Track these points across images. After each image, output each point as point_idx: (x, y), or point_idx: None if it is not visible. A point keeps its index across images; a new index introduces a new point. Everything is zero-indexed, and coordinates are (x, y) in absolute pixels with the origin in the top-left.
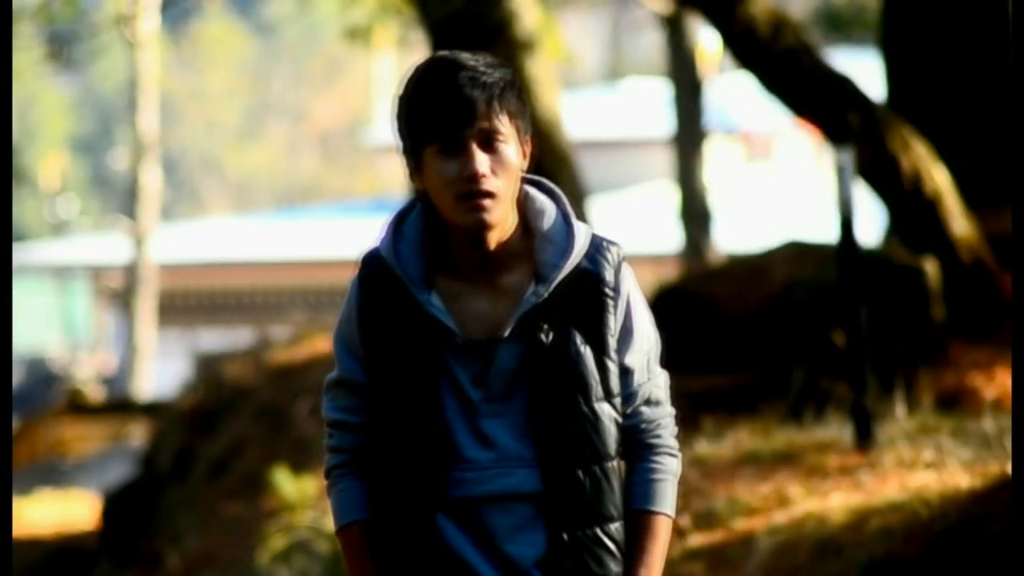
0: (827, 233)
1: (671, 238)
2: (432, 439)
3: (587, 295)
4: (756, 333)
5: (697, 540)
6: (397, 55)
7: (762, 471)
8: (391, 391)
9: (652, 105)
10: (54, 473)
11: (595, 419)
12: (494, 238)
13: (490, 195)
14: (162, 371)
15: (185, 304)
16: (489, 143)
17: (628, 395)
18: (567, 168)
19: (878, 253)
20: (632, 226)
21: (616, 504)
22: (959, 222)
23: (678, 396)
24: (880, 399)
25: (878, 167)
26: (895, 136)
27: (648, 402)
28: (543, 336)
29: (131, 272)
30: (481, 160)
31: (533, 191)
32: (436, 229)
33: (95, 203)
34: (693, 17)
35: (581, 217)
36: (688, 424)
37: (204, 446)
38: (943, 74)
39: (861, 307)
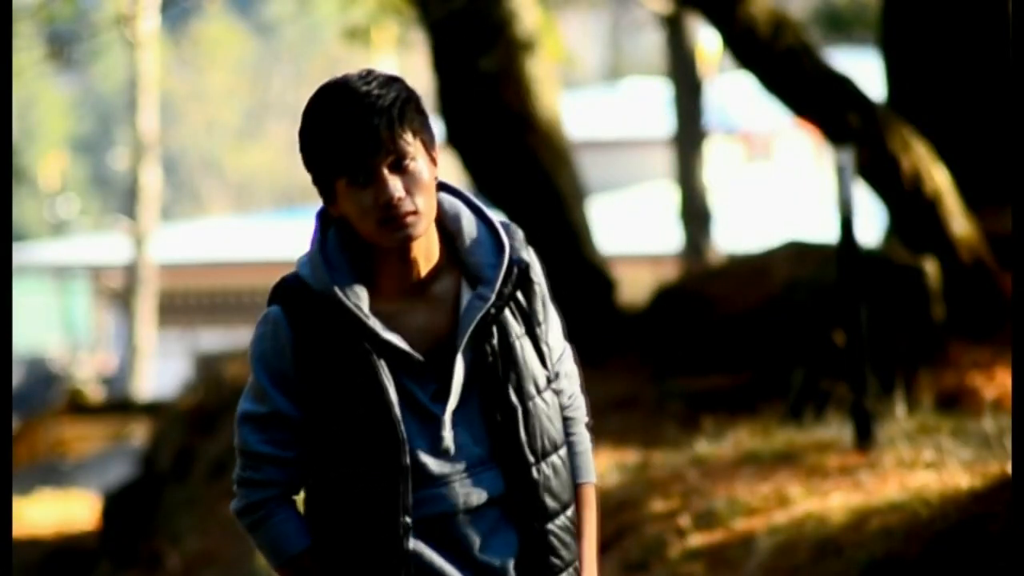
0: (827, 233)
1: (671, 238)
2: (399, 466)
3: (517, 286)
4: (756, 333)
5: (697, 540)
6: (397, 55)
7: (762, 471)
8: (347, 424)
9: (652, 105)
10: (54, 473)
11: (548, 409)
12: (421, 251)
13: (411, 213)
14: (162, 371)
15: (185, 304)
16: (398, 166)
17: (554, 373)
18: (567, 168)
19: (878, 253)
20: (632, 226)
21: (571, 487)
22: (959, 222)
23: (678, 396)
24: (880, 399)
25: (878, 167)
26: (895, 136)
27: (567, 375)
28: (489, 340)
29: (131, 272)
30: (394, 185)
31: (439, 194)
32: (358, 251)
33: (95, 203)
34: (693, 17)
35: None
36: (688, 424)
37: (204, 446)
38: (943, 74)
39: (861, 307)
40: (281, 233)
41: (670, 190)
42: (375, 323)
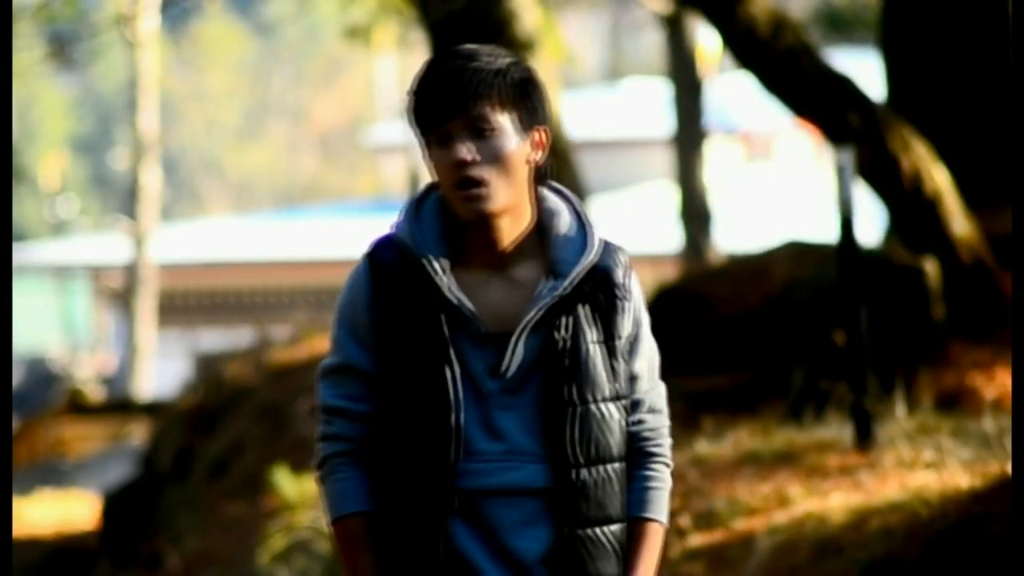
0: (827, 233)
1: (671, 238)
2: (444, 429)
3: (601, 295)
4: (756, 333)
5: (697, 540)
6: (397, 55)
7: (762, 471)
8: (403, 379)
9: (652, 105)
10: (54, 473)
11: (603, 419)
12: (505, 229)
13: (480, 182)
14: (162, 371)
15: (185, 304)
16: (478, 133)
17: (635, 402)
18: (567, 168)
19: (878, 253)
20: (632, 226)
21: (620, 506)
22: (959, 222)
23: (678, 396)
24: (880, 399)
25: (878, 167)
26: (895, 136)
27: (652, 410)
28: (558, 332)
29: (131, 272)
30: (466, 148)
31: (545, 191)
32: (451, 218)
33: (95, 203)
34: (693, 17)
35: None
36: (688, 424)
37: (204, 446)
38: (943, 74)
39: (861, 307)
40: (281, 233)
41: (670, 190)
42: (447, 281)
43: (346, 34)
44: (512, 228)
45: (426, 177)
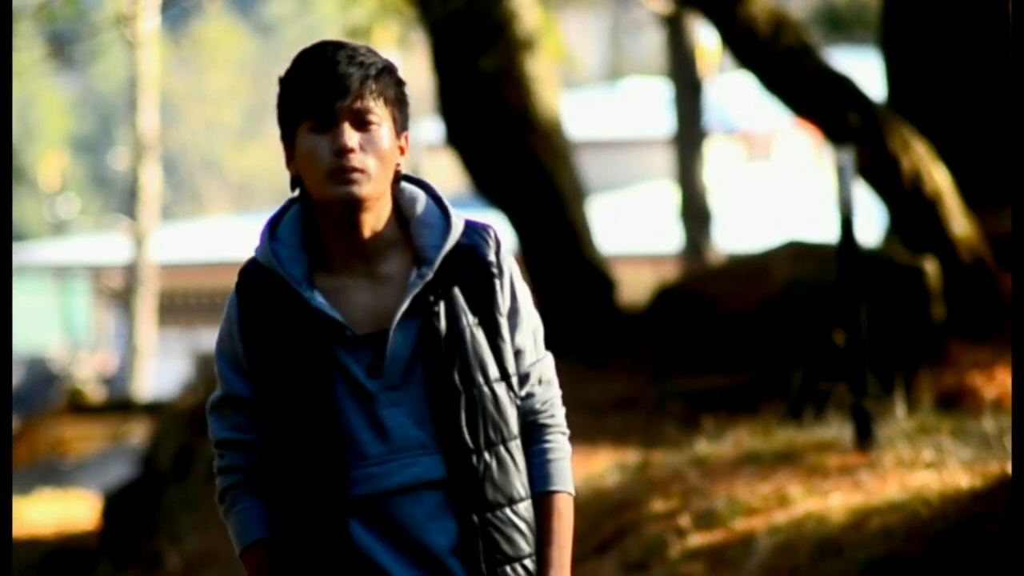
0: (827, 233)
1: (671, 238)
2: (332, 440)
3: (472, 275)
4: (756, 333)
5: (697, 540)
6: (397, 55)
7: (762, 471)
8: (284, 399)
9: (652, 105)
10: (54, 473)
11: (495, 400)
12: (367, 223)
13: (359, 170)
14: (162, 371)
15: (185, 304)
16: (361, 122)
17: (523, 376)
18: (567, 168)
19: (878, 253)
20: (632, 226)
21: (523, 483)
22: (959, 222)
23: (678, 396)
24: (880, 399)
25: (878, 167)
26: (895, 136)
27: (540, 382)
28: (435, 320)
29: (131, 272)
30: (351, 136)
31: (404, 183)
32: (311, 227)
33: (95, 203)
34: (693, 17)
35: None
36: (688, 424)
37: (204, 446)
38: (943, 74)
39: (861, 307)
40: None
41: (670, 190)
42: (308, 292)
43: (346, 34)
44: (374, 223)
45: (426, 176)
